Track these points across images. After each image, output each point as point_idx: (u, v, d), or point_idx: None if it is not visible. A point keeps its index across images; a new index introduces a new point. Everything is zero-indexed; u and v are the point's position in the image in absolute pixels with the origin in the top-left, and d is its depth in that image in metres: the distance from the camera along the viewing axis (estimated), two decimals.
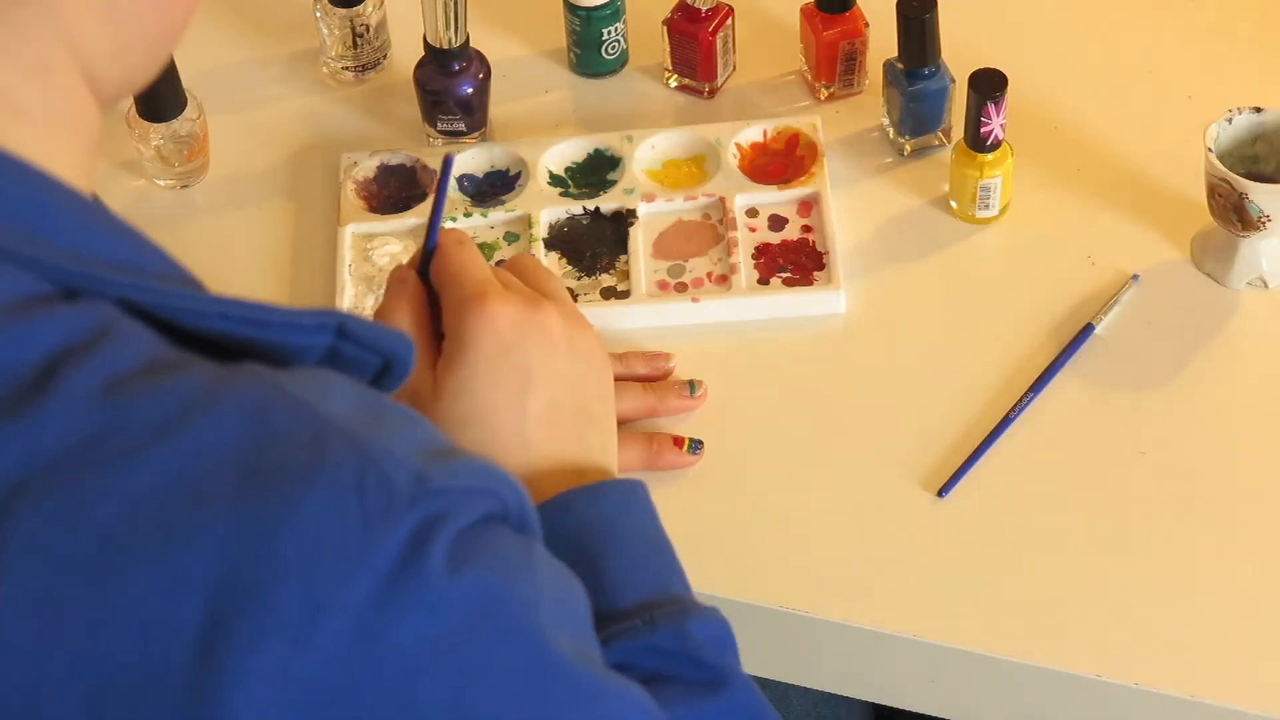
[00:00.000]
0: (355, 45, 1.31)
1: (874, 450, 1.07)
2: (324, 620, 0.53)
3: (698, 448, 1.07)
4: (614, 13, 1.28)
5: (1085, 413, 1.09)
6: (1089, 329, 1.12)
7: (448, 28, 1.21)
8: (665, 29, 1.27)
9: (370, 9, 1.30)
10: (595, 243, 1.19)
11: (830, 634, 1.01)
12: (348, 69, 1.32)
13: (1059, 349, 1.11)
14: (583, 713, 0.60)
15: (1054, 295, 1.15)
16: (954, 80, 1.21)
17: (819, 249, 1.18)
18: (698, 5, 1.26)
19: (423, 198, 1.22)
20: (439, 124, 1.25)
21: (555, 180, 1.23)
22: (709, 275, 1.17)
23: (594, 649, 0.65)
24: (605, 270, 1.18)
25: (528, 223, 1.20)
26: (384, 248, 1.18)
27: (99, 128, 0.64)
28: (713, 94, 1.29)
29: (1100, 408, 1.09)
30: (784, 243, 1.18)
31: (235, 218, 1.24)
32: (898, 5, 1.18)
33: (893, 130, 1.24)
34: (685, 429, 1.08)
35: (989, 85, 1.13)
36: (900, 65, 1.20)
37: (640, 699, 0.64)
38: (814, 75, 1.27)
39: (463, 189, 1.24)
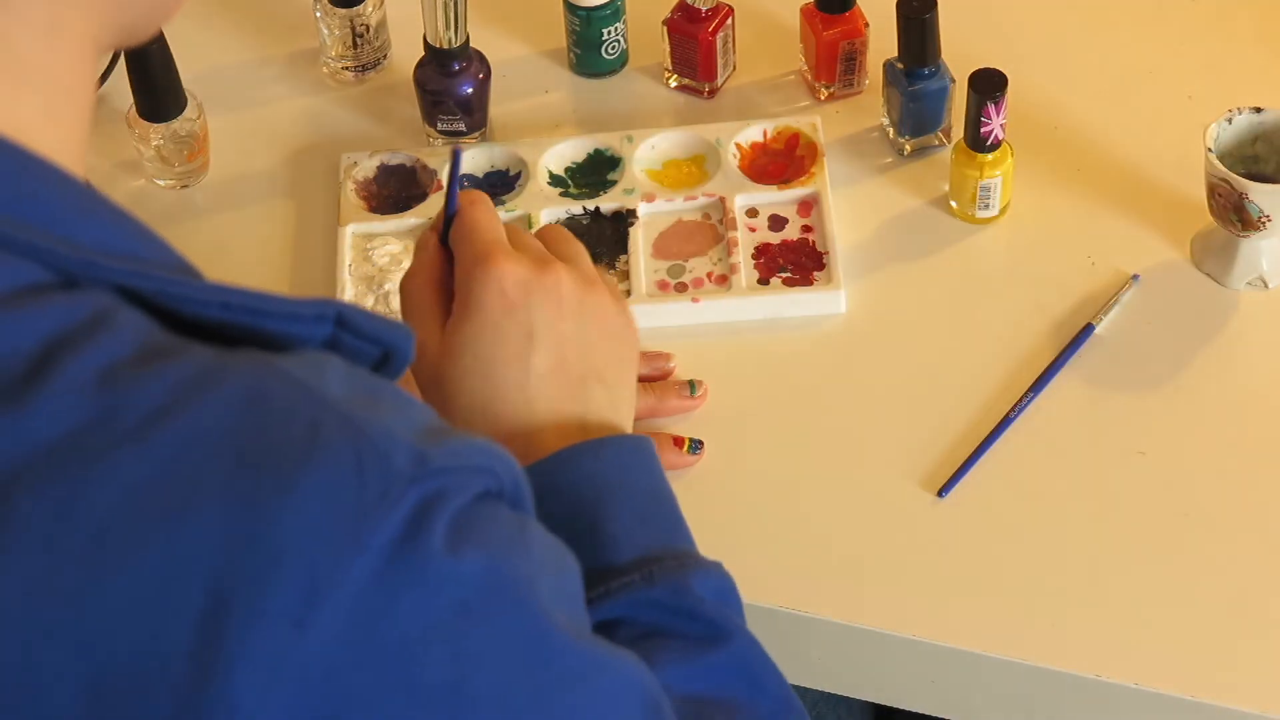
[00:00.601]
0: (355, 45, 1.31)
1: (874, 450, 1.07)
2: (323, 602, 0.53)
3: (698, 448, 1.07)
4: (614, 13, 1.28)
5: (1085, 413, 1.09)
6: (1089, 329, 1.12)
7: (448, 28, 1.21)
8: (665, 29, 1.27)
9: (370, 9, 1.30)
10: (595, 243, 1.19)
11: (830, 634, 1.01)
12: (348, 69, 1.32)
13: (1059, 349, 1.11)
14: (583, 687, 0.60)
15: (1054, 295, 1.15)
16: (954, 80, 1.21)
17: (819, 249, 1.18)
18: (698, 5, 1.26)
19: (423, 198, 1.22)
20: (439, 124, 1.25)
21: (555, 180, 1.23)
22: (709, 275, 1.17)
23: (588, 623, 0.65)
24: (605, 270, 1.18)
25: (528, 223, 1.20)
26: (384, 248, 1.18)
27: (95, 93, 0.64)
28: (713, 94, 1.29)
29: (1100, 408, 1.09)
30: (784, 243, 1.18)
31: (235, 218, 1.24)
32: (898, 5, 1.18)
33: (893, 130, 1.24)
34: (685, 429, 1.08)
35: (989, 85, 1.13)
36: (900, 65, 1.20)
37: (637, 671, 0.64)
38: (814, 75, 1.27)
39: (463, 189, 1.23)
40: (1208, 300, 1.14)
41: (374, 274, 1.17)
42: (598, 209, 1.21)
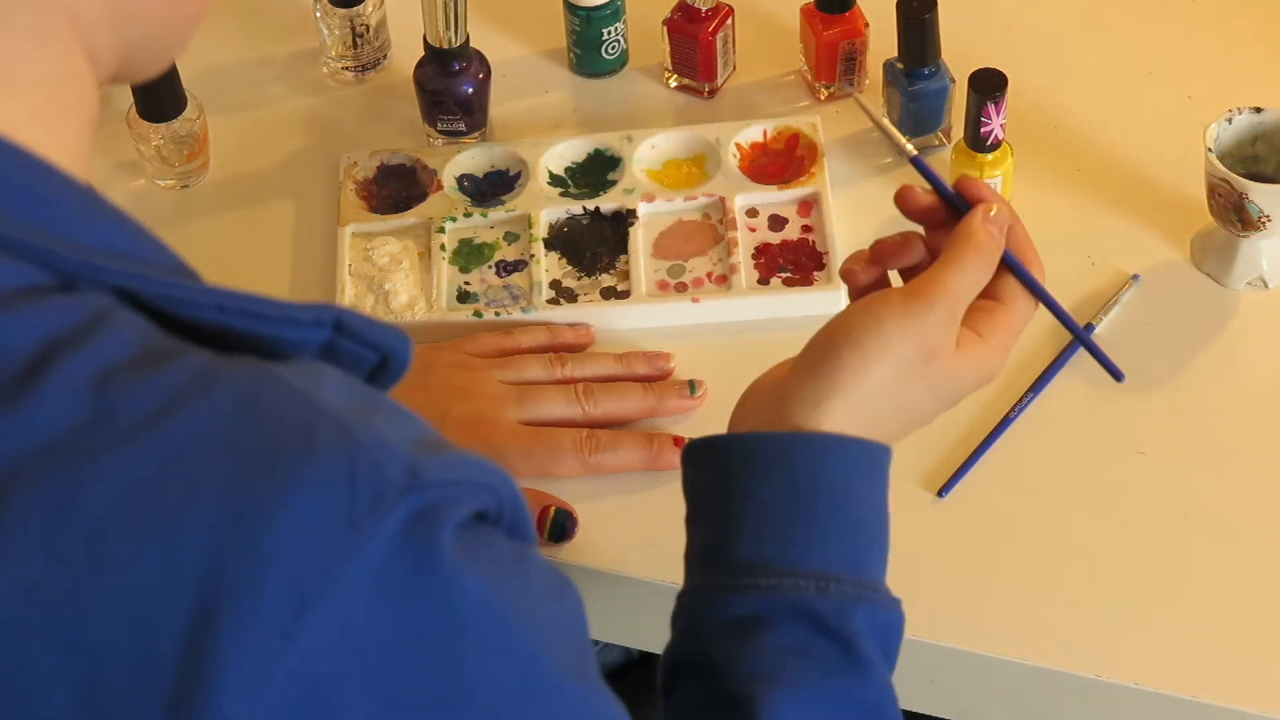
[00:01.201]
0: (355, 45, 1.31)
1: None
2: (312, 613, 0.53)
3: None
4: (614, 13, 1.28)
5: (1085, 413, 1.09)
6: (1089, 329, 1.12)
7: (448, 28, 1.21)
8: (665, 29, 1.27)
9: (370, 9, 1.30)
10: (595, 243, 1.19)
11: None
12: (348, 69, 1.32)
13: (1059, 349, 1.11)
14: None
15: (1054, 295, 1.14)
16: (954, 80, 1.21)
17: (819, 249, 1.18)
18: (698, 5, 1.26)
19: (423, 198, 1.22)
20: (439, 124, 1.25)
21: (555, 180, 1.23)
22: (709, 275, 1.17)
23: (584, 659, 0.65)
24: (605, 270, 1.18)
25: (528, 223, 1.20)
26: (384, 248, 1.18)
27: (96, 108, 0.64)
28: (713, 94, 1.29)
29: (1100, 408, 1.09)
30: (784, 243, 1.18)
31: (235, 218, 1.24)
32: (898, 5, 1.18)
33: None
34: (685, 429, 1.08)
35: (989, 85, 1.13)
36: (900, 65, 1.20)
37: (621, 714, 0.64)
38: (814, 75, 1.27)
39: (462, 189, 1.24)
40: (1208, 300, 1.14)
41: (374, 274, 1.17)
42: (598, 209, 1.20)
